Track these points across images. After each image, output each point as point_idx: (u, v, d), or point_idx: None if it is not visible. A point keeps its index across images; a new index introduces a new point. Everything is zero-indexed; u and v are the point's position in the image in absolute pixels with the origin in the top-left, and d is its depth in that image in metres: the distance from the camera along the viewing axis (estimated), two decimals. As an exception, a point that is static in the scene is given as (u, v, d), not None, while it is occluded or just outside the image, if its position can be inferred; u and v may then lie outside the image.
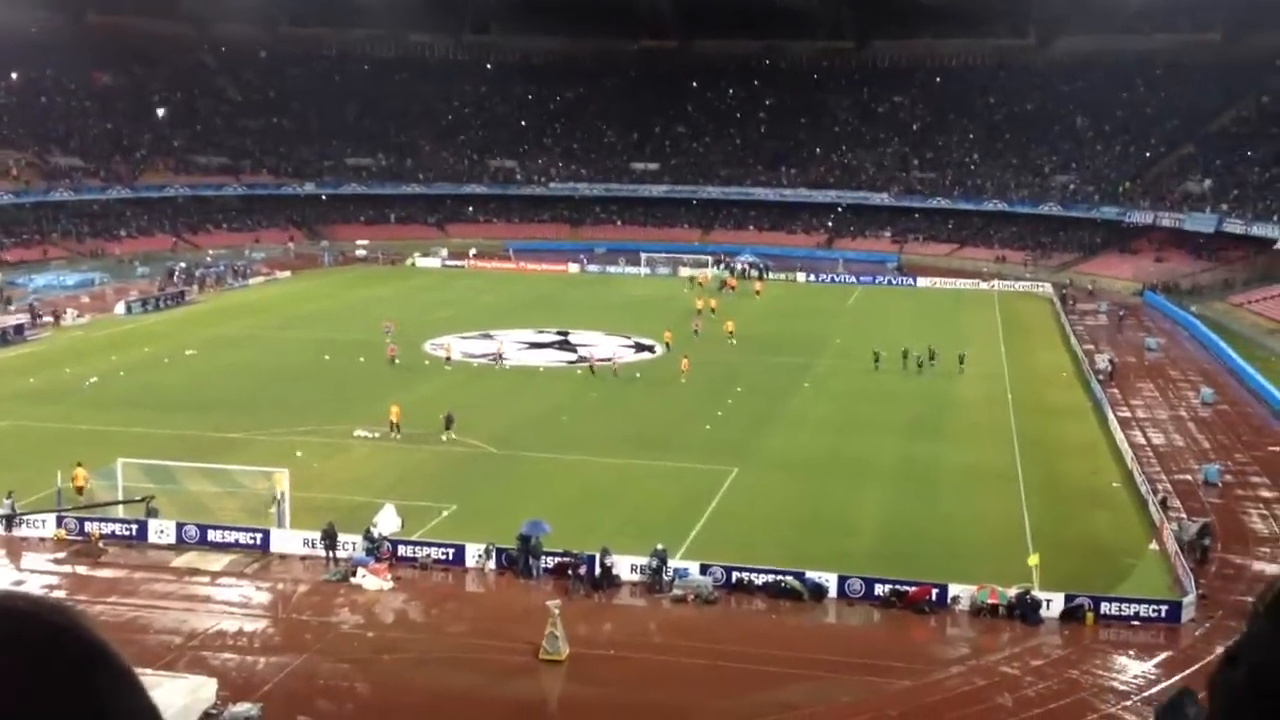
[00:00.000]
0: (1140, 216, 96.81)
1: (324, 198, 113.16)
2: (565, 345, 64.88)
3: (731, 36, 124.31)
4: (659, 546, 31.76)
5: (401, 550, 33.11)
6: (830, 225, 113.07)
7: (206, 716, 23.72)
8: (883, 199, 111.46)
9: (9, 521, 34.58)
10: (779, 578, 31.19)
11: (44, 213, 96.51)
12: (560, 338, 66.87)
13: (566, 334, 67.64)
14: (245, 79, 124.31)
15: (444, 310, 74.25)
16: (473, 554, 32.74)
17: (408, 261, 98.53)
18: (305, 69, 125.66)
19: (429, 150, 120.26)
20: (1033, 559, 31.26)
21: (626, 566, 31.86)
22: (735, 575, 31.49)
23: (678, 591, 31.03)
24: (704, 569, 31.62)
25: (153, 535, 34.14)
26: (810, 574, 31.25)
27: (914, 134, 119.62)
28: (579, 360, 59.99)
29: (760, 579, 31.34)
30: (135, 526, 34.36)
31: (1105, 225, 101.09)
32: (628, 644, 28.71)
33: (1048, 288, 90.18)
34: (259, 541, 33.79)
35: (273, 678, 26.13)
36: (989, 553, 33.73)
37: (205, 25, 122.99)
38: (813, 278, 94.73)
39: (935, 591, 30.61)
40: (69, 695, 1.38)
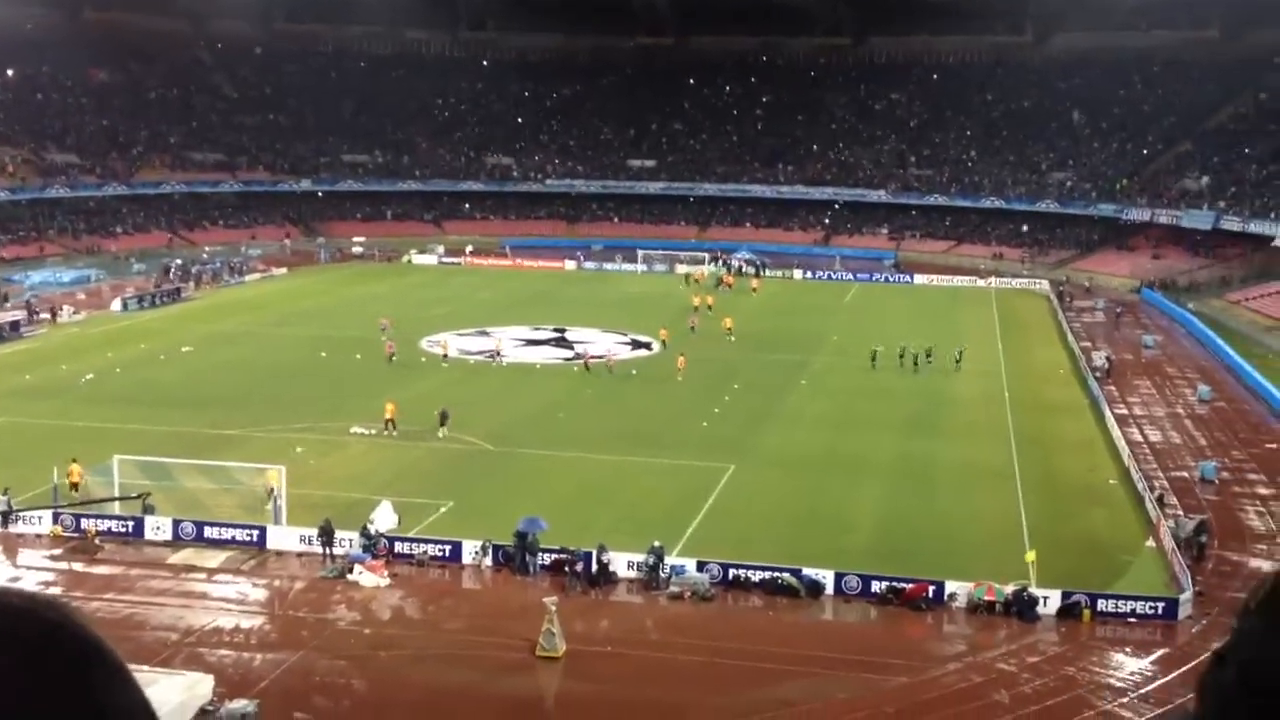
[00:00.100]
0: (1137, 213, 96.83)
1: (320, 194, 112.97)
2: (562, 342, 64.90)
3: (728, 33, 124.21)
4: (656, 543, 31.77)
5: (398, 547, 33.10)
6: (827, 222, 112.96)
7: (203, 713, 23.70)
8: (880, 196, 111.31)
9: (5, 518, 34.57)
10: (776, 575, 31.19)
11: (40, 209, 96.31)
12: (557, 335, 66.88)
13: (563, 331, 67.65)
14: (241, 75, 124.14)
15: (440, 307, 74.14)
16: (469, 551, 32.75)
17: (404, 258, 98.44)
18: (301, 66, 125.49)
19: (425, 147, 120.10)
20: (1029, 556, 31.28)
21: (623, 563, 31.86)
22: (732, 572, 31.49)
23: (674, 588, 31.05)
24: (701, 566, 31.65)
25: (149, 532, 34.13)
26: (807, 571, 31.27)
27: (911, 131, 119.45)
28: (574, 357, 59.99)
29: (757, 576, 31.33)
30: (131, 523, 34.37)
31: (1102, 222, 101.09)
32: (624, 641, 28.70)
33: (1045, 285, 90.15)
34: (255, 538, 33.80)
35: (269, 674, 26.12)
36: (986, 550, 33.76)
37: (201, 22, 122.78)
38: (809, 275, 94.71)
39: (932, 588, 30.64)
40: (64, 692, 1.37)
